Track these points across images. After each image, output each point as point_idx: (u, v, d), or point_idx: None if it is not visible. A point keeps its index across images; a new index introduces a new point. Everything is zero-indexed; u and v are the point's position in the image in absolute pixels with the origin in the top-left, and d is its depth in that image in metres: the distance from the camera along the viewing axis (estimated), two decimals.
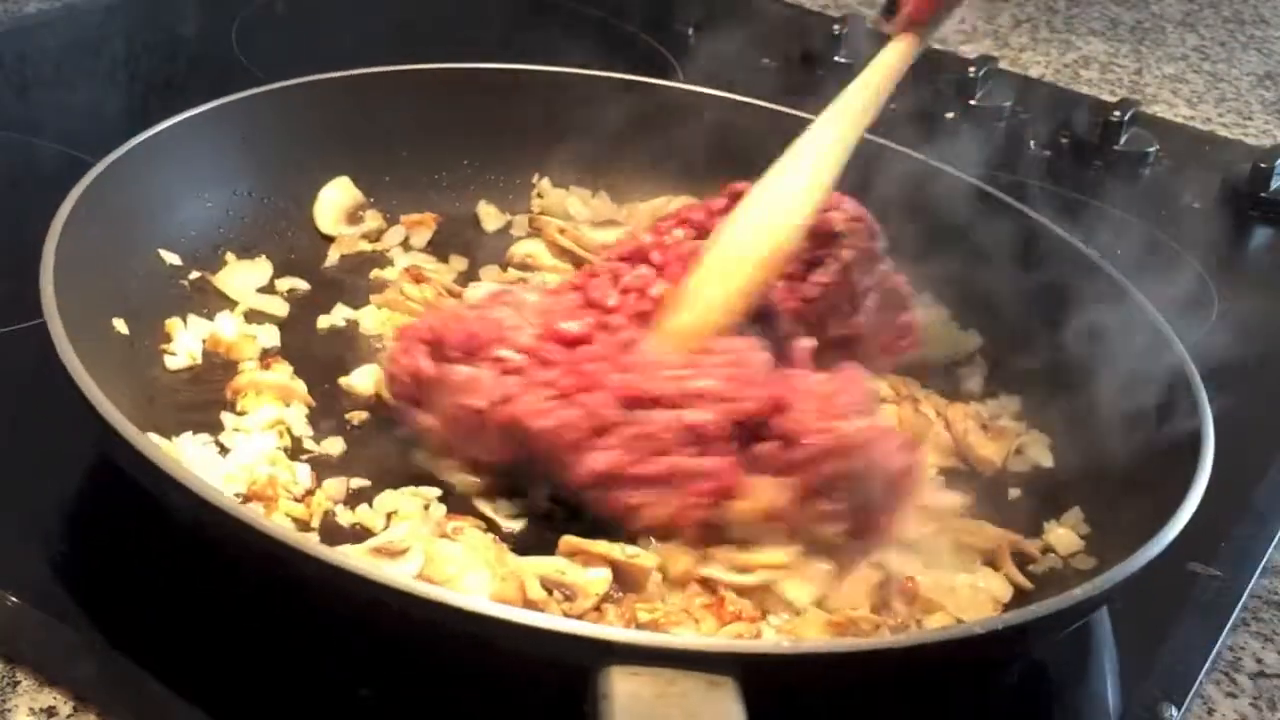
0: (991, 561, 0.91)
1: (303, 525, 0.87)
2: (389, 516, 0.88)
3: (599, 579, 0.84)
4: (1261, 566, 0.97)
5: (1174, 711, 0.84)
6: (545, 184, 1.25)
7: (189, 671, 0.77)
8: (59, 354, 0.79)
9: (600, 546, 0.85)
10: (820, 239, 1.03)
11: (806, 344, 0.96)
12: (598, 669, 0.66)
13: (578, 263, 1.18)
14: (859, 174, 1.13)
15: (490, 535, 0.87)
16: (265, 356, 1.01)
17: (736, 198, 1.04)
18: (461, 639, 0.70)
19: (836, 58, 1.68)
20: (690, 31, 1.71)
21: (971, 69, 1.64)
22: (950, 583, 0.87)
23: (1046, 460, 1.02)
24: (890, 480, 0.88)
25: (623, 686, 0.65)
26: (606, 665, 0.66)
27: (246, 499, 0.87)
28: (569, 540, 0.86)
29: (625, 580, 0.85)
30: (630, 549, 0.85)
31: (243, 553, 0.74)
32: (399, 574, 0.77)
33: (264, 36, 1.57)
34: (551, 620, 0.73)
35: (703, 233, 1.03)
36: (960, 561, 0.91)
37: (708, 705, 0.65)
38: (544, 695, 0.73)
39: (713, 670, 0.66)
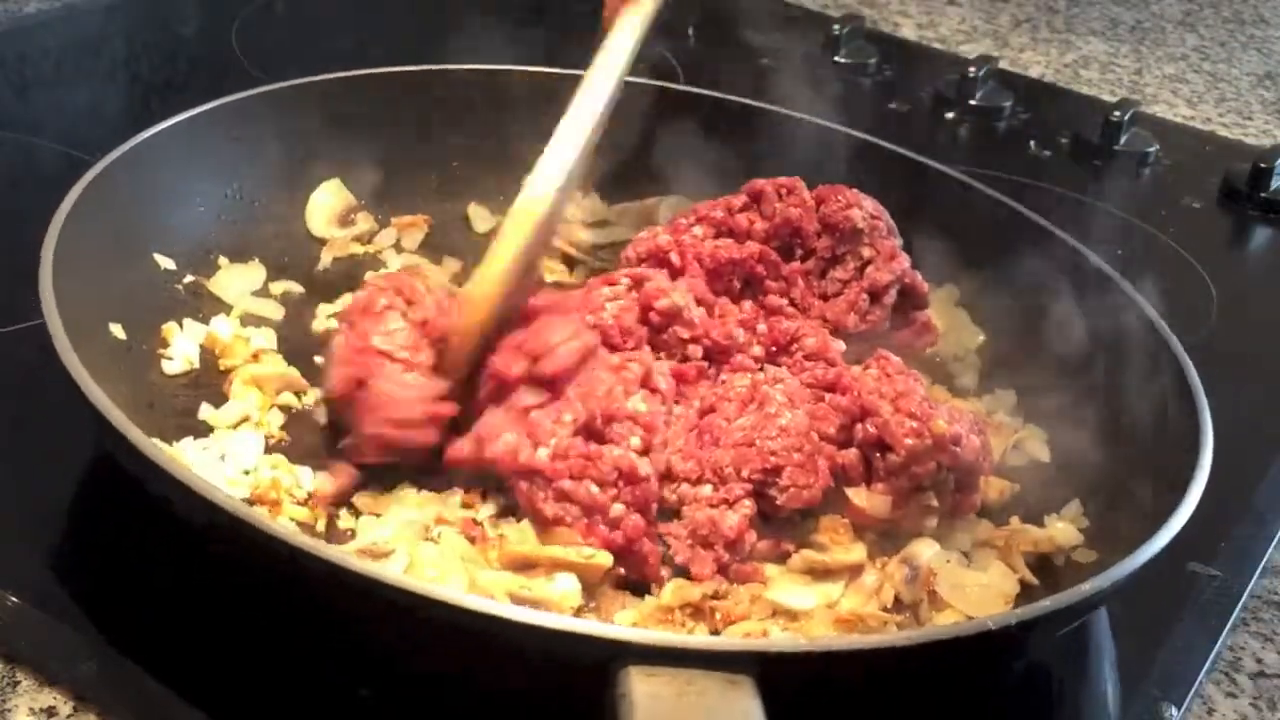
0: (1004, 557, 0.91)
1: (307, 529, 0.87)
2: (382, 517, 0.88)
3: (570, 592, 0.82)
4: (1261, 566, 0.97)
5: (1174, 711, 0.84)
6: None
7: (188, 671, 0.77)
8: (63, 361, 0.79)
9: (553, 552, 0.83)
10: (840, 236, 1.03)
11: (839, 345, 0.97)
12: (616, 669, 0.66)
13: (570, 263, 1.18)
14: (862, 173, 1.14)
15: (469, 539, 0.86)
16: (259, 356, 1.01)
17: (756, 196, 1.05)
18: (479, 640, 0.69)
19: (836, 58, 1.69)
20: (690, 32, 1.71)
21: (971, 69, 1.64)
22: (960, 581, 0.88)
23: (1044, 455, 1.02)
24: (974, 461, 0.90)
25: (642, 686, 0.65)
26: (625, 665, 0.66)
27: (251, 503, 0.87)
28: (512, 551, 0.83)
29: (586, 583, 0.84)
30: (586, 550, 0.83)
31: (259, 559, 0.73)
32: (415, 579, 0.77)
33: (264, 36, 1.57)
34: (571, 622, 0.73)
35: (722, 230, 1.03)
36: (979, 556, 0.92)
37: (726, 704, 0.65)
38: (550, 695, 0.73)
39: (731, 669, 0.67)
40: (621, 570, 0.85)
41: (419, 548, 0.84)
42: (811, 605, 0.85)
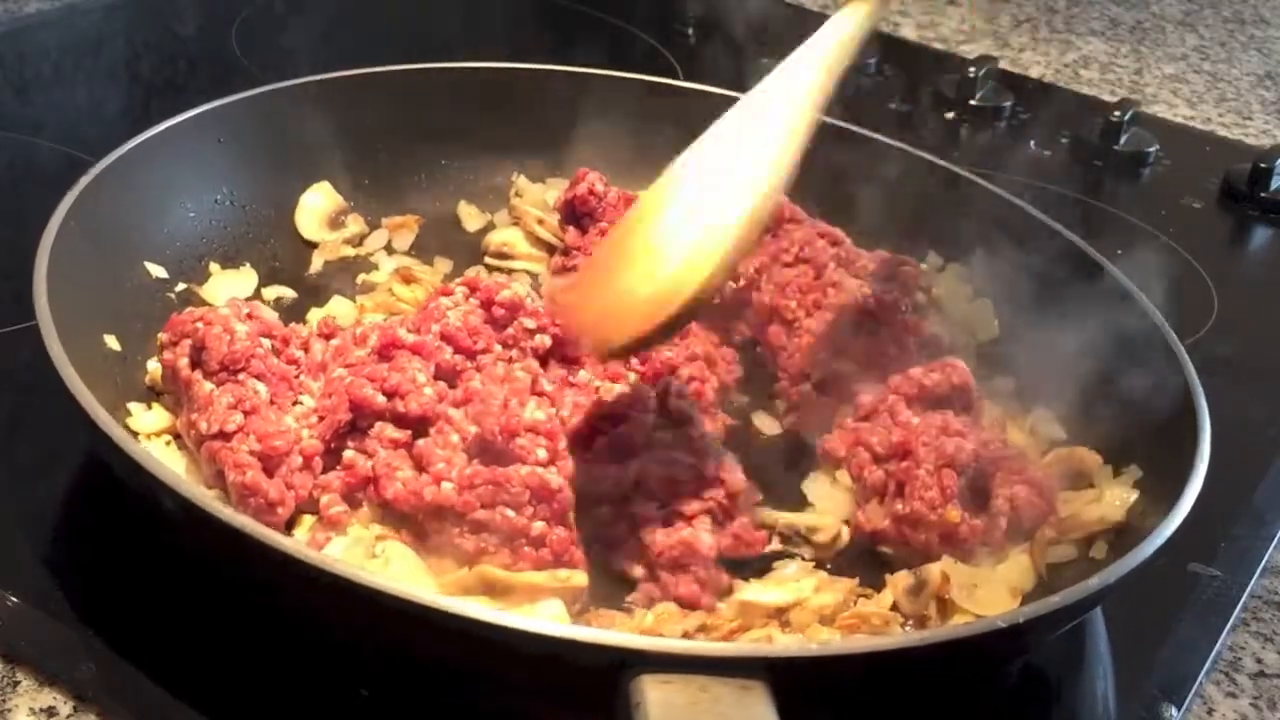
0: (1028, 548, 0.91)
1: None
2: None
3: (558, 617, 0.80)
4: (1261, 566, 0.97)
5: (1174, 711, 0.84)
6: (523, 181, 1.24)
7: (187, 672, 0.77)
8: (55, 365, 0.79)
9: (529, 577, 0.81)
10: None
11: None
12: (628, 677, 0.66)
13: (551, 250, 1.17)
14: (860, 167, 1.13)
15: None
16: None
17: None
18: (485, 648, 0.69)
19: None
20: (690, 31, 1.71)
21: (971, 69, 1.64)
22: (970, 581, 0.88)
23: (1060, 433, 1.01)
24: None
25: (655, 694, 0.65)
26: (637, 674, 0.66)
27: None
28: (487, 573, 0.81)
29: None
30: (562, 573, 0.81)
31: (249, 561, 0.73)
32: (424, 590, 0.77)
33: (264, 36, 1.57)
34: (583, 631, 0.73)
35: None
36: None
37: (740, 710, 0.65)
38: (557, 703, 0.73)
39: (743, 675, 0.66)
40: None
41: (369, 565, 0.82)
42: (789, 599, 0.85)
